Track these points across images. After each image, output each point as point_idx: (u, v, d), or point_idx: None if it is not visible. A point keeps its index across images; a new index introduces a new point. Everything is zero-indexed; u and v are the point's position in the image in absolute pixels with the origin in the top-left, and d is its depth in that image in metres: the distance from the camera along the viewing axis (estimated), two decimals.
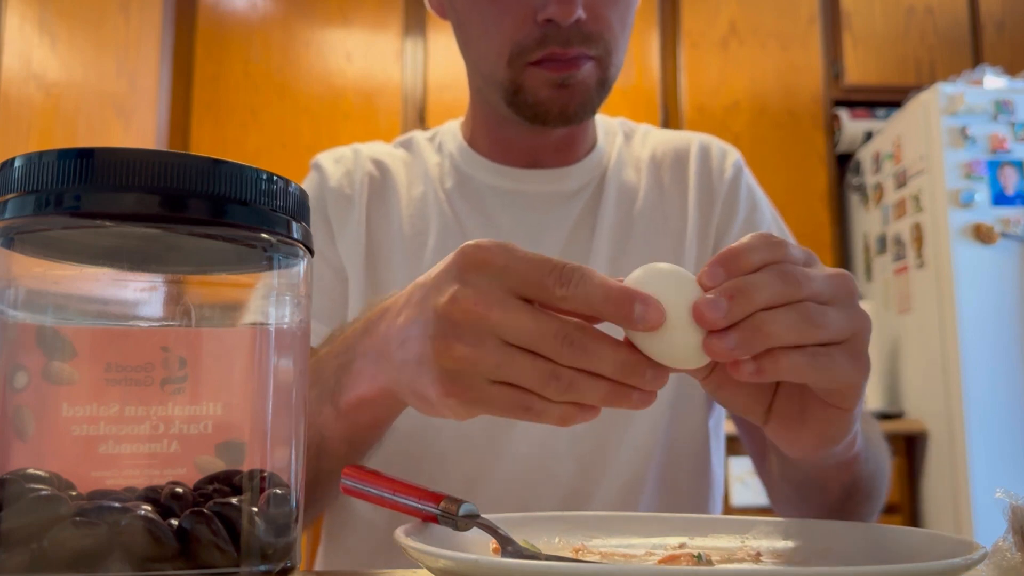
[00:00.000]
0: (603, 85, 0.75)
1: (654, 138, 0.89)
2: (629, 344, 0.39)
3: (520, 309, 0.39)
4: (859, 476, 0.59)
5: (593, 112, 0.78)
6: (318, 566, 0.85)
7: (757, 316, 0.38)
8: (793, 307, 0.39)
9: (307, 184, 0.86)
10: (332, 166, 0.85)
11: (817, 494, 0.61)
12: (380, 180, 0.84)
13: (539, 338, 0.39)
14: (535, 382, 0.39)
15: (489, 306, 0.39)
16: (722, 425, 0.86)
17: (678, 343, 0.38)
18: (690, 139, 0.88)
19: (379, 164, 0.85)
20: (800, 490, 0.63)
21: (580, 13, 0.70)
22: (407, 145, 0.89)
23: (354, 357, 0.53)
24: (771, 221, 0.86)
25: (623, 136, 0.89)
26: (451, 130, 0.89)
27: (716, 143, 0.88)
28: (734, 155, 0.88)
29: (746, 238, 0.41)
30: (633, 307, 0.38)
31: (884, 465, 0.67)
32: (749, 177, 0.87)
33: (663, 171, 0.86)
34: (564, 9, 0.69)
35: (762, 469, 0.78)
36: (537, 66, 0.72)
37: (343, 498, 0.79)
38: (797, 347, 0.39)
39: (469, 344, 0.40)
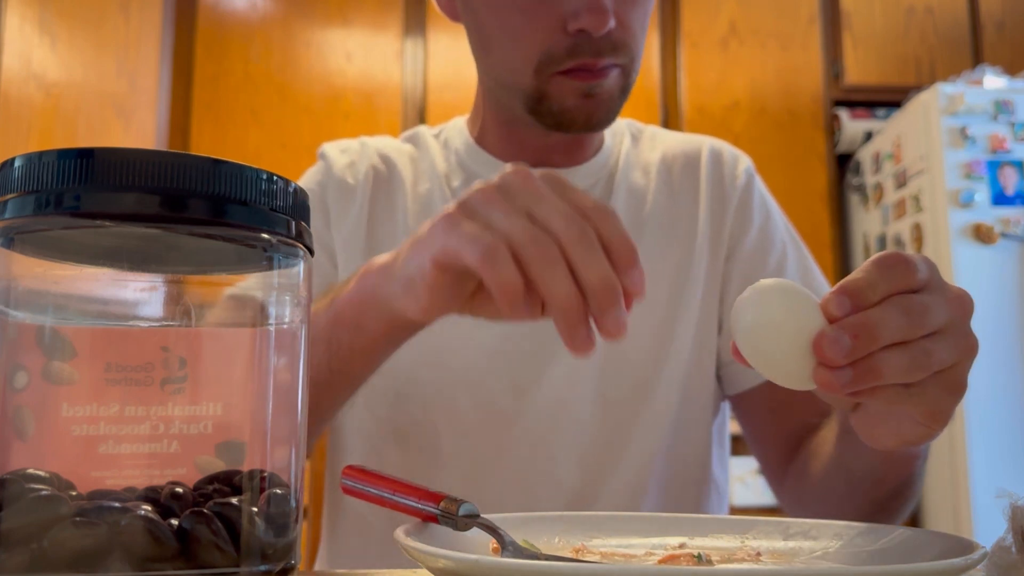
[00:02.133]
0: (624, 92, 0.75)
1: (663, 141, 0.89)
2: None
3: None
4: (914, 472, 0.60)
5: (615, 119, 0.77)
6: (319, 565, 0.85)
7: (874, 357, 0.38)
8: (908, 348, 0.39)
9: (312, 172, 0.86)
10: (337, 155, 0.85)
11: (870, 488, 0.61)
12: (386, 175, 0.84)
13: (567, 219, 0.44)
14: (536, 254, 0.43)
15: (539, 183, 0.46)
16: (727, 428, 0.85)
17: (789, 364, 0.38)
18: (700, 143, 0.88)
19: (385, 159, 0.85)
20: (853, 482, 0.62)
21: (612, 23, 0.69)
22: (413, 140, 0.89)
23: (342, 294, 0.58)
24: (784, 230, 0.85)
25: (630, 137, 0.88)
26: (457, 127, 0.88)
27: (728, 148, 0.88)
28: (745, 161, 0.87)
29: (871, 265, 0.40)
30: (611, 311, 0.42)
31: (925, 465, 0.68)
32: (760, 184, 0.87)
33: (673, 175, 0.85)
34: (598, 19, 0.68)
35: (769, 470, 0.78)
36: (565, 75, 0.71)
37: (343, 498, 0.79)
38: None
39: (510, 203, 0.45)
